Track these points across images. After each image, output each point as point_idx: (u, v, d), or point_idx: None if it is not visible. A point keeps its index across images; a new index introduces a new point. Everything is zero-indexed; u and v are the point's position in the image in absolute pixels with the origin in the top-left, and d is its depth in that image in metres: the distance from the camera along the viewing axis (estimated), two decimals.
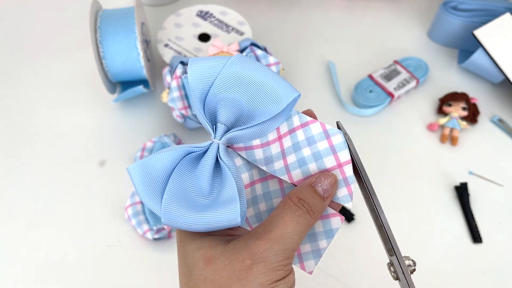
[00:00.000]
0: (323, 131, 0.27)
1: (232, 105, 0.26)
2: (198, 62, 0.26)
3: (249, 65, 0.26)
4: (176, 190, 0.25)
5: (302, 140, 0.28)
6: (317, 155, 0.27)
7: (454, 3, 0.62)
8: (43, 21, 0.67)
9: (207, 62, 0.27)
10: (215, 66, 0.26)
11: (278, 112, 0.26)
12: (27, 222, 0.50)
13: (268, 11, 0.69)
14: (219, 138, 0.26)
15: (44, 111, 0.58)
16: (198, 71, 0.26)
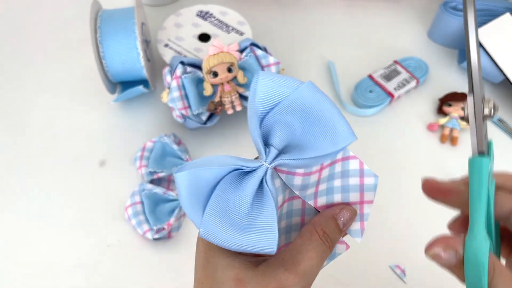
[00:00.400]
0: (359, 169, 0.28)
1: (287, 130, 0.26)
2: (269, 78, 0.26)
3: (318, 96, 0.26)
4: (218, 205, 0.25)
5: (338, 172, 0.28)
6: (345, 188, 0.28)
7: (454, 3, 0.62)
8: (43, 21, 0.67)
9: (278, 80, 0.26)
10: (286, 87, 0.26)
11: (332, 151, 0.26)
12: (27, 222, 0.50)
13: (268, 11, 0.69)
14: (269, 163, 0.26)
15: (44, 111, 0.58)
16: (267, 87, 0.25)
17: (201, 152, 0.55)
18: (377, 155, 0.55)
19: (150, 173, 0.50)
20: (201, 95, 0.51)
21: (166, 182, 0.52)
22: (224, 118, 0.56)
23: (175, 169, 0.51)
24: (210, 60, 0.50)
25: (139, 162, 0.51)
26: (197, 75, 0.51)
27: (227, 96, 0.51)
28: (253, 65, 0.51)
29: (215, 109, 0.51)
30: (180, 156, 0.52)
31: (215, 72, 0.50)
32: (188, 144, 0.55)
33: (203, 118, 0.52)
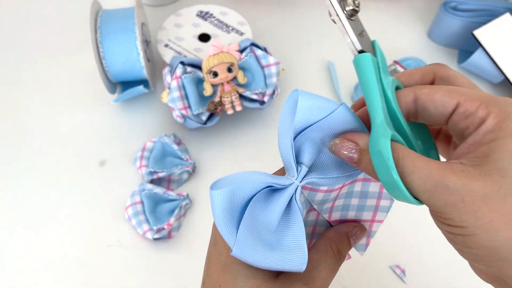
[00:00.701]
0: (378, 192, 0.28)
1: (317, 149, 0.26)
2: (310, 98, 0.25)
3: (349, 118, 0.26)
4: (250, 224, 0.25)
5: (357, 191, 0.29)
6: (361, 207, 0.28)
7: (454, 3, 0.62)
8: (43, 21, 0.67)
9: (318, 102, 0.25)
10: (324, 110, 0.25)
11: (356, 171, 0.27)
12: (27, 222, 0.50)
13: (268, 11, 0.69)
14: (300, 180, 0.26)
15: (44, 111, 0.58)
16: (306, 109, 0.25)
17: (201, 152, 0.55)
18: None
19: (150, 173, 0.50)
20: (201, 95, 0.51)
21: (166, 182, 0.52)
22: (224, 118, 0.56)
23: (175, 169, 0.51)
24: (210, 60, 0.50)
25: (139, 162, 0.51)
26: (197, 75, 0.51)
27: (227, 96, 0.51)
28: (253, 65, 0.51)
29: (215, 109, 0.51)
30: (180, 156, 0.52)
31: (215, 72, 0.50)
32: (188, 144, 0.55)
33: (203, 118, 0.52)
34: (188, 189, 0.52)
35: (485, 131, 0.21)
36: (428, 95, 0.24)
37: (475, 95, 0.22)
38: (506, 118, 0.21)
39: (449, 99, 0.23)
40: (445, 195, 0.20)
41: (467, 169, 0.21)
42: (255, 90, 0.51)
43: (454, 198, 0.20)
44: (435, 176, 0.21)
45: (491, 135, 0.21)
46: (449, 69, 0.26)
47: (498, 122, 0.21)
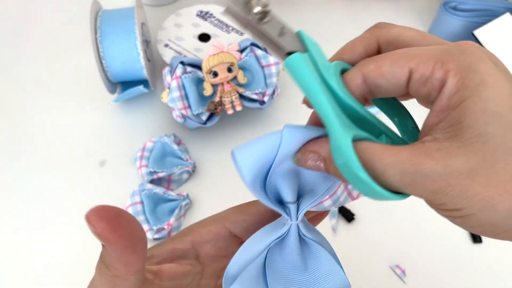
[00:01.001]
0: None
1: (291, 178, 0.24)
2: (246, 149, 0.22)
3: (301, 134, 0.23)
4: (276, 274, 0.24)
5: None
6: None
7: (454, 3, 0.62)
8: (43, 21, 0.67)
9: (258, 147, 0.23)
10: (271, 147, 0.23)
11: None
12: (27, 222, 0.50)
13: None
14: (296, 220, 0.24)
15: (44, 111, 0.58)
16: (250, 161, 0.22)
17: (201, 152, 0.55)
18: None
19: (150, 173, 0.50)
20: (201, 95, 0.51)
21: (166, 182, 0.52)
22: (224, 118, 0.56)
23: (175, 169, 0.51)
24: (210, 60, 0.50)
25: (139, 162, 0.51)
26: (197, 75, 0.51)
27: (227, 96, 0.51)
28: (253, 65, 0.51)
29: (215, 109, 0.51)
30: (180, 156, 0.52)
31: (215, 72, 0.50)
32: (188, 144, 0.55)
33: (203, 118, 0.52)
34: (188, 189, 0.52)
35: (449, 94, 0.18)
36: (375, 70, 0.21)
37: (426, 54, 0.19)
38: (467, 72, 0.18)
39: (399, 69, 0.20)
40: (428, 185, 0.18)
41: (443, 145, 0.18)
42: (255, 90, 0.51)
43: (438, 185, 0.18)
44: (409, 167, 0.18)
45: (456, 97, 0.18)
46: (391, 27, 0.22)
47: (460, 80, 0.18)
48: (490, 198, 0.17)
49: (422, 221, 0.51)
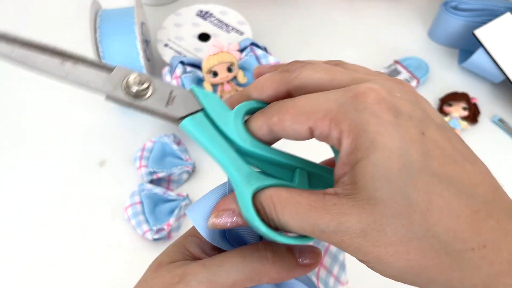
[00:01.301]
0: None
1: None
2: (197, 210, 0.24)
3: (205, 205, 0.24)
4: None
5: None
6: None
7: (454, 3, 0.62)
8: (43, 21, 0.67)
9: (205, 206, 0.24)
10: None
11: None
12: (27, 222, 0.50)
13: (268, 11, 0.69)
14: None
15: (44, 111, 0.58)
16: (202, 219, 0.23)
17: (201, 152, 0.55)
18: None
19: (150, 173, 0.50)
20: None
21: (166, 182, 0.52)
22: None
23: (175, 169, 0.51)
24: (210, 60, 0.50)
25: (139, 162, 0.51)
26: (197, 75, 0.51)
27: (227, 96, 0.51)
28: (253, 65, 0.51)
29: None
30: (180, 156, 0.52)
31: (215, 72, 0.50)
32: (188, 144, 0.55)
33: None
34: (188, 189, 0.52)
35: (346, 154, 0.19)
36: (278, 124, 0.21)
37: (322, 111, 0.19)
38: (358, 133, 0.18)
39: (300, 126, 0.20)
40: (326, 238, 0.19)
41: (340, 201, 0.18)
42: None
43: (334, 239, 0.18)
44: (308, 219, 0.19)
45: (352, 157, 0.18)
46: (300, 72, 0.22)
47: (353, 141, 0.18)
48: (383, 257, 0.18)
49: None
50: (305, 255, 0.23)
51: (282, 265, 0.23)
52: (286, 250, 0.23)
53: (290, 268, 0.23)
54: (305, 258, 0.23)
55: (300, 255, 0.23)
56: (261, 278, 0.23)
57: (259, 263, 0.23)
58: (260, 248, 0.23)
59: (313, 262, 0.24)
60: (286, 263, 0.23)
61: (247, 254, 0.23)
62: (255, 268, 0.22)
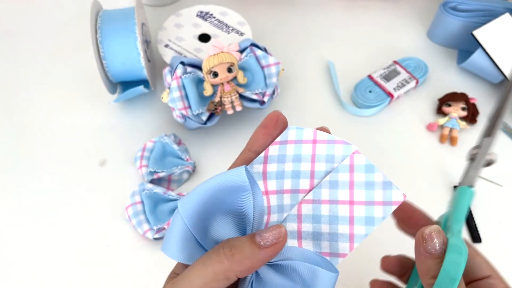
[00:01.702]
0: (350, 217, 0.27)
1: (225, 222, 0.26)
2: (167, 246, 0.25)
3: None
4: None
5: (325, 216, 0.28)
6: (334, 237, 0.27)
7: (453, 4, 0.62)
8: (43, 21, 0.67)
9: (172, 241, 0.24)
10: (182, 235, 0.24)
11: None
12: (27, 222, 0.50)
13: (268, 12, 0.69)
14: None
15: (44, 111, 0.58)
16: (174, 249, 0.24)
17: (201, 152, 0.55)
18: (376, 155, 0.56)
19: (150, 173, 0.50)
20: (201, 95, 0.51)
21: (166, 182, 0.52)
22: (224, 118, 0.56)
23: (175, 169, 0.51)
24: (210, 60, 0.50)
25: (139, 162, 0.52)
26: (197, 75, 0.51)
27: (227, 96, 0.51)
28: (253, 65, 0.52)
29: (215, 109, 0.51)
30: (180, 156, 0.52)
31: (215, 72, 0.50)
32: (188, 144, 0.55)
33: (203, 118, 0.52)
34: (188, 189, 0.52)
35: None
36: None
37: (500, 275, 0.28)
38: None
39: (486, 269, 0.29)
40: None
41: None
42: (255, 90, 0.51)
43: None
44: None
45: None
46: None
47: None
48: None
49: None
50: (267, 237, 0.24)
51: (242, 255, 0.23)
52: (244, 240, 0.24)
53: (252, 255, 0.23)
54: (267, 239, 0.24)
55: (261, 238, 0.24)
56: (227, 275, 0.23)
57: (218, 262, 0.23)
58: (217, 249, 0.24)
59: (276, 241, 0.24)
60: (246, 252, 0.23)
61: (206, 258, 0.23)
62: (216, 269, 0.23)
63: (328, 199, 0.26)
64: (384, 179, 0.26)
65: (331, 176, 0.26)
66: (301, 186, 0.27)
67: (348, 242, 0.27)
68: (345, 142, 0.27)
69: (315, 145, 0.27)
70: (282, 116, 0.27)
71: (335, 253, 0.27)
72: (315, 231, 0.27)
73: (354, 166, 0.27)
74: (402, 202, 0.26)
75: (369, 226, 0.27)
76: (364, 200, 0.26)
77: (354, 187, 0.26)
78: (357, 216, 0.26)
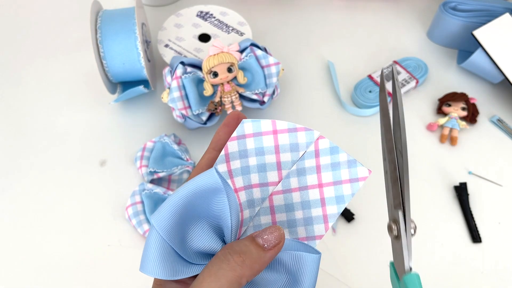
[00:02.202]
0: (320, 199, 0.27)
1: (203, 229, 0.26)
2: (147, 260, 0.24)
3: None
4: None
5: (297, 203, 0.28)
6: (308, 221, 0.27)
7: (453, 4, 0.62)
8: (43, 21, 0.67)
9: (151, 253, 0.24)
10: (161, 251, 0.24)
11: None
12: (27, 222, 0.50)
13: (268, 11, 0.69)
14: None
15: (45, 111, 0.58)
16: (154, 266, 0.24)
17: (201, 152, 0.55)
18: (376, 155, 0.56)
19: (150, 173, 0.51)
20: (201, 95, 0.51)
21: (166, 182, 0.52)
22: (224, 118, 0.56)
23: (175, 169, 0.51)
24: (210, 60, 0.50)
25: (139, 162, 0.52)
26: (197, 75, 0.51)
27: (227, 96, 0.51)
28: (253, 65, 0.52)
29: (215, 109, 0.51)
30: (180, 156, 0.52)
31: (215, 72, 0.50)
32: (188, 144, 0.55)
33: (203, 118, 0.52)
34: None
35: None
36: None
37: None
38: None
39: None
40: None
41: None
42: (255, 90, 0.51)
43: None
44: None
45: None
46: None
47: None
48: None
49: (422, 221, 0.51)
50: (269, 239, 0.24)
51: (252, 260, 0.23)
52: (248, 244, 0.24)
53: (259, 258, 0.24)
54: (270, 241, 0.24)
55: (264, 240, 0.24)
56: (240, 282, 0.23)
57: (231, 271, 0.23)
58: (226, 257, 0.23)
59: (278, 241, 0.24)
60: (254, 256, 0.23)
61: (216, 269, 0.23)
62: (229, 278, 0.23)
63: (298, 186, 0.27)
64: (349, 158, 0.27)
65: (298, 164, 0.27)
66: (270, 178, 0.27)
67: (322, 223, 0.27)
68: (306, 129, 0.27)
69: (276, 136, 0.27)
70: (242, 115, 0.27)
71: (311, 236, 0.27)
72: (290, 219, 0.27)
73: (319, 151, 0.27)
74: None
75: (340, 205, 0.27)
76: (332, 181, 0.27)
77: (321, 170, 0.27)
78: (328, 197, 0.27)
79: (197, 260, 0.25)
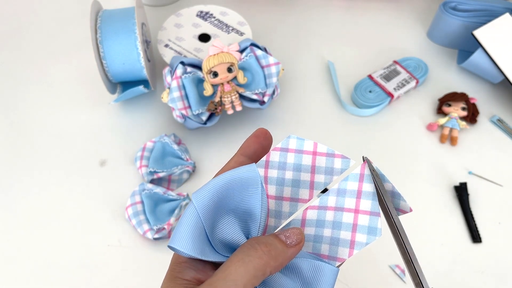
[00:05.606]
0: (353, 224, 0.27)
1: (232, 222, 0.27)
2: (178, 239, 0.25)
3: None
4: None
5: (329, 221, 0.28)
6: (335, 241, 0.28)
7: (453, 4, 0.62)
8: (43, 21, 0.67)
9: (185, 229, 0.25)
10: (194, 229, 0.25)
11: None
12: (27, 221, 0.50)
13: (268, 11, 0.69)
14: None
15: (45, 111, 0.58)
16: (186, 241, 0.25)
17: (201, 152, 0.55)
18: (376, 156, 0.56)
19: (150, 173, 0.51)
20: (201, 95, 0.51)
21: (166, 182, 0.52)
22: (224, 118, 0.56)
23: (175, 169, 0.51)
24: (210, 60, 0.50)
25: (139, 162, 0.52)
26: (197, 75, 0.51)
27: (227, 96, 0.51)
28: (253, 65, 0.52)
29: (215, 109, 0.51)
30: (180, 156, 0.52)
31: (215, 72, 0.50)
32: (188, 144, 0.55)
33: (203, 118, 0.52)
34: (188, 189, 0.52)
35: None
36: None
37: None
38: None
39: None
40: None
41: None
42: (255, 90, 0.51)
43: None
44: None
45: None
46: None
47: None
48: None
49: (422, 221, 0.51)
50: (291, 236, 0.25)
51: (277, 252, 0.25)
52: (273, 238, 0.25)
53: (283, 252, 0.25)
54: (292, 239, 0.25)
55: (287, 238, 0.25)
56: (265, 271, 0.24)
57: (258, 258, 0.24)
58: (253, 246, 0.24)
59: (299, 241, 0.25)
60: (279, 249, 0.25)
61: (244, 257, 0.24)
62: (256, 265, 0.24)
63: (334, 205, 0.27)
64: (394, 189, 0.27)
65: (340, 184, 0.27)
66: (301, 195, 0.28)
67: (348, 247, 0.27)
68: (343, 156, 0.28)
69: (315, 157, 0.28)
70: (269, 133, 0.29)
71: (333, 256, 0.27)
72: (317, 234, 0.27)
73: (364, 176, 0.27)
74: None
75: (371, 236, 0.26)
76: (369, 210, 0.27)
77: (361, 197, 0.27)
78: (361, 225, 0.27)
79: (220, 249, 0.26)
